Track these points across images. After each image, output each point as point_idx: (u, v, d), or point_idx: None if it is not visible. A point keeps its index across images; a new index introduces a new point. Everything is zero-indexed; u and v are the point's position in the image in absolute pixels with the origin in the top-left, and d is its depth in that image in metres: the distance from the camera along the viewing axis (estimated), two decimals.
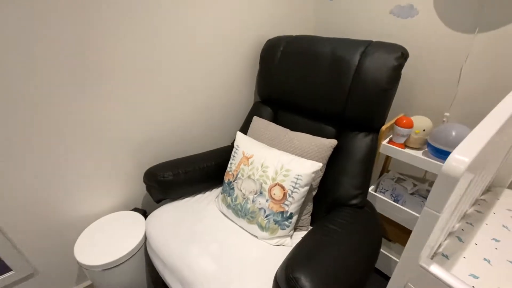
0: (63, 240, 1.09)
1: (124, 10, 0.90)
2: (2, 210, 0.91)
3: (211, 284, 0.78)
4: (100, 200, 1.13)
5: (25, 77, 0.81)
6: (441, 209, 0.38)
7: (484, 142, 0.38)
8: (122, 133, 1.07)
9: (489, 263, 0.69)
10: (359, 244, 0.81)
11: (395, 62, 0.90)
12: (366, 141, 0.99)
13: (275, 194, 0.93)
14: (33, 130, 0.88)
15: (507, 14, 0.88)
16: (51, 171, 0.96)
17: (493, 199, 0.91)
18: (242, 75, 1.35)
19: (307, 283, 0.63)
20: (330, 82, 1.01)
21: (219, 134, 1.41)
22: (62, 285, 1.18)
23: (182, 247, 0.89)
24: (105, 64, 0.93)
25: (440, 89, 1.10)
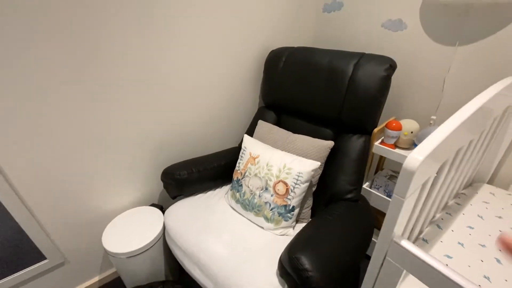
0: (90, 232, 1.22)
1: (143, 31, 1.03)
2: (41, 204, 1.05)
3: (225, 266, 0.91)
4: (122, 196, 1.26)
5: (66, 90, 0.94)
6: (404, 195, 0.50)
7: (436, 143, 0.50)
8: (142, 138, 1.21)
9: (462, 246, 0.81)
10: (352, 232, 0.93)
11: (384, 72, 1.02)
12: (360, 142, 1.11)
13: (279, 190, 1.06)
14: (72, 138, 1.01)
15: (484, 30, 0.99)
16: (82, 171, 1.10)
17: (472, 193, 1.02)
18: (247, 82, 1.47)
19: (306, 262, 0.76)
20: (327, 90, 1.14)
21: (226, 137, 1.54)
22: (88, 273, 1.31)
23: (198, 237, 1.02)
24: (128, 80, 1.06)
25: (427, 95, 1.22)
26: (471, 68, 1.06)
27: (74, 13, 0.88)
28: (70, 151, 1.04)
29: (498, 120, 0.89)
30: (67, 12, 0.86)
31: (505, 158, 1.05)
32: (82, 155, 1.07)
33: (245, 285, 0.85)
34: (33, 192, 1.02)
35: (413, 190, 0.51)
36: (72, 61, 0.92)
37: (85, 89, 0.98)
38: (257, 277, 0.86)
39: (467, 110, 0.59)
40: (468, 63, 1.06)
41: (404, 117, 1.31)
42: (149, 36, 1.06)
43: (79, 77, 0.95)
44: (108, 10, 0.93)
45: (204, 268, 0.95)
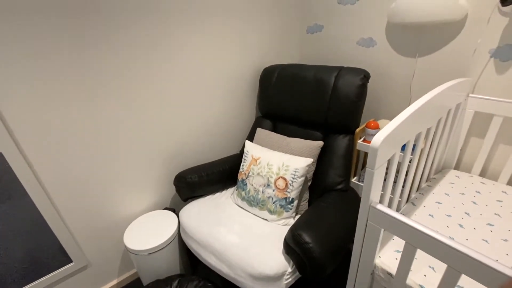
0: (111, 236, 1.35)
1: (158, 62, 1.23)
2: (69, 211, 1.18)
3: (237, 251, 1.05)
4: (138, 202, 1.40)
5: (96, 107, 1.12)
6: (373, 167, 0.68)
7: (393, 128, 0.69)
8: (156, 150, 1.37)
9: (432, 217, 0.99)
10: (344, 215, 1.10)
11: (360, 81, 1.23)
12: (345, 141, 1.30)
13: (279, 185, 1.22)
14: (97, 153, 1.18)
15: (436, 44, 1.23)
16: (105, 181, 1.25)
17: (441, 177, 1.22)
18: (245, 96, 1.67)
19: (307, 236, 0.92)
20: (314, 99, 1.34)
21: (229, 144, 1.71)
22: (107, 276, 1.42)
23: (212, 229, 1.17)
24: (144, 101, 1.25)
25: (398, 98, 1.43)
26: (430, 74, 1.28)
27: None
28: (95, 164, 1.19)
29: (453, 113, 1.10)
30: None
31: (465, 146, 1.26)
32: (104, 167, 1.23)
33: (256, 264, 0.99)
34: (66, 202, 1.16)
35: (380, 164, 0.69)
36: (105, 80, 1.10)
37: (110, 108, 1.16)
38: (266, 257, 1.01)
39: (416, 104, 0.78)
40: (426, 70, 1.29)
41: (381, 117, 1.52)
42: (162, 64, 1.25)
43: (105, 97, 1.13)
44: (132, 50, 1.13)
45: (219, 255, 1.09)
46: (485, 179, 1.18)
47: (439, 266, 0.79)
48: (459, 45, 1.16)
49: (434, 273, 0.77)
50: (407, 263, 0.70)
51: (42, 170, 1.07)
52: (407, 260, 0.69)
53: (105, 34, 1.06)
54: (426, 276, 0.76)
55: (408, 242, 0.67)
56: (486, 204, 1.03)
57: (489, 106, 1.11)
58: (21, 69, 0.93)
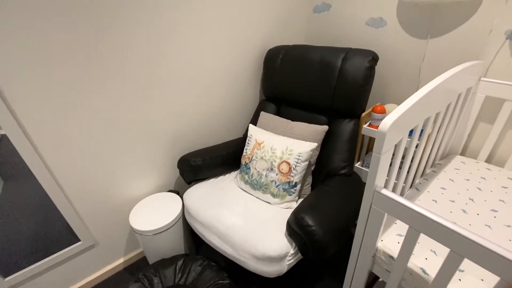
0: (117, 217, 1.38)
1: (157, 42, 1.19)
2: (76, 193, 1.20)
3: (240, 232, 1.07)
4: (143, 184, 1.42)
5: (102, 95, 1.10)
6: (380, 152, 0.67)
7: (402, 112, 0.67)
8: (160, 133, 1.37)
9: (435, 202, 0.99)
10: (346, 199, 1.10)
11: (368, 64, 1.19)
12: (350, 125, 1.29)
13: (282, 169, 1.22)
14: (103, 135, 1.17)
15: (449, 24, 1.17)
16: (111, 163, 1.25)
17: (446, 163, 1.21)
18: (249, 79, 1.64)
19: (310, 220, 0.93)
20: (320, 81, 1.30)
21: (232, 128, 1.70)
22: (114, 255, 1.46)
23: (215, 211, 1.19)
24: (149, 83, 1.22)
25: (407, 82, 1.39)
26: (441, 56, 1.24)
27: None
28: (100, 146, 1.20)
29: (463, 97, 1.07)
30: None
31: (473, 132, 1.23)
32: (110, 150, 1.23)
33: (259, 245, 1.01)
34: (71, 183, 1.17)
35: (387, 148, 0.68)
36: (112, 64, 1.08)
37: (116, 91, 1.14)
38: (269, 239, 1.03)
39: (427, 87, 0.76)
40: (438, 52, 1.24)
41: (388, 102, 1.49)
42: (166, 47, 1.22)
43: (111, 79, 1.11)
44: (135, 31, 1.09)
45: (222, 236, 1.11)
46: (491, 165, 1.17)
47: (441, 250, 0.80)
48: (474, 25, 1.11)
49: (435, 257, 0.78)
50: (410, 247, 0.70)
51: (47, 152, 1.07)
52: (410, 244, 0.70)
53: (109, 11, 1.02)
54: (428, 260, 0.77)
55: (412, 227, 0.68)
56: (491, 190, 1.02)
57: (501, 90, 1.07)
58: (22, 49, 0.91)
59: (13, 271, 1.15)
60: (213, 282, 1.08)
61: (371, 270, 0.91)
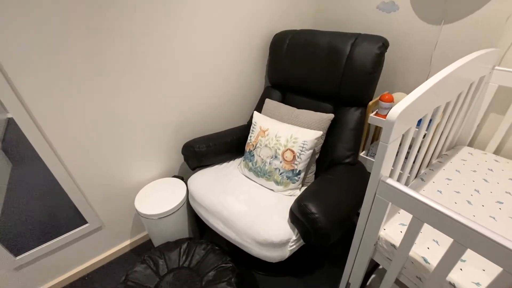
0: (123, 200, 1.41)
1: (162, 28, 1.17)
2: (83, 177, 1.22)
3: (244, 218, 1.09)
4: (148, 169, 1.43)
5: (110, 79, 1.09)
6: (387, 141, 0.65)
7: (412, 100, 0.65)
8: (164, 118, 1.37)
9: (440, 193, 0.98)
10: (350, 188, 1.10)
11: (377, 50, 1.16)
12: (356, 114, 1.26)
13: (287, 157, 1.22)
14: (109, 121, 1.18)
15: (464, 10, 1.12)
16: (116, 148, 1.26)
17: (453, 153, 1.19)
18: (254, 65, 1.61)
19: (313, 207, 0.93)
20: (327, 68, 1.27)
21: (236, 115, 1.69)
22: (121, 237, 1.50)
23: (220, 197, 1.20)
24: (153, 69, 1.21)
25: (417, 70, 1.35)
26: (454, 44, 1.19)
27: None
28: (107, 131, 1.20)
29: (475, 87, 1.04)
30: None
31: (483, 123, 1.21)
32: (116, 134, 1.24)
33: (262, 231, 1.03)
34: (78, 167, 1.19)
35: (394, 138, 0.67)
36: (121, 51, 1.07)
37: (122, 77, 1.13)
38: (272, 224, 1.05)
39: (438, 76, 0.73)
40: (451, 39, 1.19)
41: (396, 90, 1.46)
42: (166, 30, 1.19)
43: (117, 65, 1.10)
44: None
45: (226, 222, 1.13)
46: (499, 157, 1.15)
47: (444, 241, 0.80)
48: (492, 10, 1.06)
49: (438, 247, 0.78)
50: (412, 236, 0.70)
51: (54, 138, 1.08)
52: (413, 233, 0.70)
53: None
54: (430, 249, 0.78)
55: (416, 216, 0.68)
56: (497, 182, 1.01)
57: None
58: (29, 31, 0.90)
59: (23, 251, 1.19)
60: (217, 265, 1.11)
61: (372, 258, 0.92)
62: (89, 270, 1.44)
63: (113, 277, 1.41)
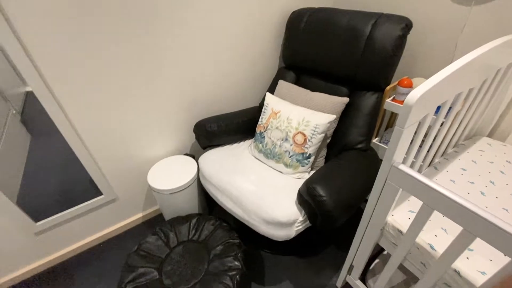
0: (136, 175, 1.45)
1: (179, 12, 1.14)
2: (99, 151, 1.26)
3: (252, 197, 1.11)
4: (161, 146, 1.46)
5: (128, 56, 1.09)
6: (403, 126, 0.64)
7: (432, 84, 0.62)
8: (177, 97, 1.37)
9: (453, 182, 0.97)
10: (360, 173, 1.09)
11: (399, 32, 1.10)
12: (372, 98, 1.23)
13: (297, 140, 1.21)
14: (126, 99, 1.19)
15: None
16: (132, 124, 1.29)
17: (471, 144, 1.15)
18: (269, 45, 1.56)
19: (321, 190, 0.94)
20: (345, 49, 1.23)
21: (248, 96, 1.68)
22: (134, 209, 1.57)
23: (230, 176, 1.22)
24: (165, 47, 1.19)
25: (440, 54, 1.29)
26: (484, 27, 1.11)
27: None
28: (122, 107, 1.22)
29: (502, 74, 0.98)
30: None
31: (506, 113, 1.15)
32: (131, 110, 1.26)
33: (270, 210, 1.05)
34: (94, 141, 1.23)
35: (411, 123, 0.65)
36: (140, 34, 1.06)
37: (138, 54, 1.13)
38: (279, 204, 1.06)
39: (463, 60, 0.69)
40: (481, 22, 1.11)
41: (416, 75, 1.40)
42: (183, 11, 1.16)
43: (134, 43, 1.10)
44: None
45: (235, 200, 1.15)
46: None
47: (452, 229, 0.80)
48: None
49: (445, 235, 0.78)
50: (421, 223, 0.70)
51: (72, 111, 1.11)
52: (421, 220, 0.70)
53: None
54: (437, 237, 0.78)
55: (426, 204, 0.67)
56: None
57: None
58: (47, 4, 0.90)
59: (43, 218, 1.27)
60: (224, 240, 1.15)
61: (378, 242, 0.93)
62: (103, 239, 1.52)
63: (126, 246, 1.49)
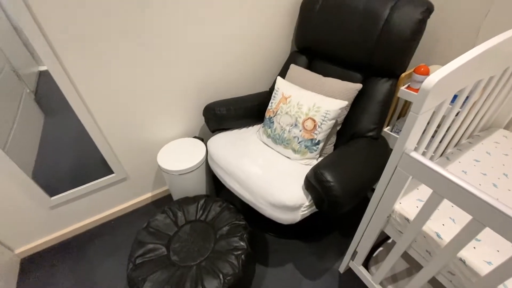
0: (146, 155, 1.48)
1: None
2: (110, 130, 1.28)
3: (259, 181, 1.12)
4: (171, 128, 1.48)
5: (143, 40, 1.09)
6: (418, 112, 0.62)
7: (451, 69, 0.60)
8: (188, 80, 1.37)
9: (465, 173, 0.95)
10: (369, 161, 1.09)
11: (419, 16, 1.05)
12: (386, 86, 1.20)
13: (307, 126, 1.20)
14: (138, 81, 1.19)
15: None
16: (143, 105, 1.30)
17: (486, 135, 1.12)
18: (281, 28, 1.52)
19: (329, 175, 0.94)
20: (361, 33, 1.18)
21: (259, 80, 1.66)
22: (143, 189, 1.61)
23: (237, 159, 1.23)
24: (175, 30, 1.18)
25: (460, 41, 1.23)
26: (510, 13, 1.05)
27: None
28: (134, 88, 1.23)
29: None
30: None
31: None
32: (142, 91, 1.26)
33: (276, 194, 1.06)
34: (106, 120, 1.25)
35: (426, 109, 0.63)
36: None
37: (150, 36, 1.12)
38: (286, 189, 1.07)
39: (485, 45, 0.66)
40: (507, 7, 1.05)
41: (433, 63, 1.34)
42: None
43: (150, 26, 1.09)
44: None
45: (242, 183, 1.17)
46: None
47: (461, 219, 0.79)
48: None
49: (453, 225, 0.78)
50: (429, 211, 0.70)
51: (84, 89, 1.12)
52: (430, 208, 0.69)
53: None
54: (444, 226, 0.77)
55: (436, 192, 0.66)
56: None
57: None
58: None
59: (57, 193, 1.32)
60: (231, 221, 1.18)
61: (383, 230, 0.94)
62: (114, 216, 1.58)
63: (135, 224, 1.54)
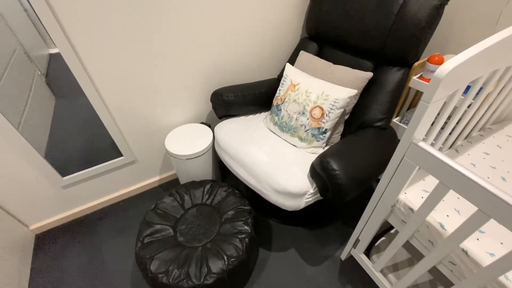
0: (155, 139, 1.50)
1: None
2: (120, 114, 1.30)
3: (265, 167, 1.13)
4: (179, 113, 1.49)
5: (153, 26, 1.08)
6: (429, 101, 0.61)
7: (467, 57, 0.58)
8: (197, 65, 1.36)
9: (474, 166, 0.94)
10: (376, 151, 1.08)
11: (437, 2, 1.01)
12: (398, 75, 1.17)
13: (315, 114, 1.19)
14: (147, 65, 1.20)
15: None
16: (151, 90, 1.31)
17: (498, 128, 1.09)
18: (291, 13, 1.48)
19: (335, 164, 0.94)
20: (374, 20, 1.15)
21: (267, 67, 1.64)
22: (151, 172, 1.65)
23: (244, 146, 1.24)
24: (185, 15, 1.16)
25: (478, 30, 1.18)
26: None
27: None
28: (143, 72, 1.24)
29: None
30: None
31: None
32: (151, 76, 1.27)
33: (281, 181, 1.07)
34: (115, 104, 1.26)
35: (437, 98, 0.62)
36: None
37: (162, 21, 1.11)
38: (291, 176, 1.08)
39: (503, 33, 0.64)
40: None
41: (448, 52, 1.30)
42: None
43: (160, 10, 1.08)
44: None
45: (248, 169, 1.18)
46: None
47: (466, 211, 0.79)
48: None
49: (458, 216, 0.78)
50: (434, 202, 0.70)
51: (94, 72, 1.14)
52: (435, 198, 0.69)
53: None
54: (449, 217, 0.77)
55: (442, 182, 0.66)
56: None
57: None
58: None
59: (68, 174, 1.36)
60: (236, 206, 1.20)
61: (387, 219, 0.94)
62: (123, 197, 1.62)
63: (143, 206, 1.59)
